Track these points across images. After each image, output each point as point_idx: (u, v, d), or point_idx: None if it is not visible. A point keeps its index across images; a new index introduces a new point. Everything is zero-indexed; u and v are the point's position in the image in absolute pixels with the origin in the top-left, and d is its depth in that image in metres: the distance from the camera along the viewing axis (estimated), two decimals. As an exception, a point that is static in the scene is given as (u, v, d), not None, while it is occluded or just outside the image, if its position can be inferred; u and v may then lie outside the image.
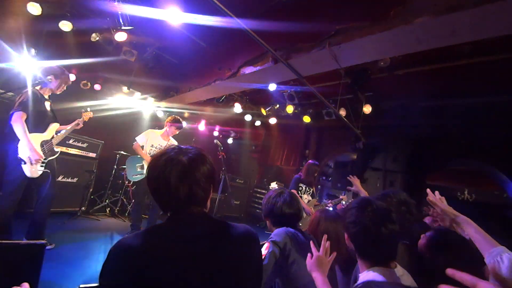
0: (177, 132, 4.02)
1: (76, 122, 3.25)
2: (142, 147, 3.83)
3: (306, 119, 5.69)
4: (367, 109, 4.58)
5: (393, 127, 5.25)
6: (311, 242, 1.30)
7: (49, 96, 3.08)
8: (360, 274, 1.08)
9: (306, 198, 4.12)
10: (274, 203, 1.63)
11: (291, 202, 1.63)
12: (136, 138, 3.85)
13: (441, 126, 4.77)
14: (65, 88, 3.12)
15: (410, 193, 1.71)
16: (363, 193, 2.01)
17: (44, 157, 2.85)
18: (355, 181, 2.12)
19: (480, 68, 3.45)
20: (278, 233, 1.49)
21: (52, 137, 3.02)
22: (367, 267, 1.07)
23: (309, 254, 1.25)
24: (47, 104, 3.01)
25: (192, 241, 0.82)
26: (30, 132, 2.74)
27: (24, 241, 1.65)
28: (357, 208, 1.12)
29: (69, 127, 3.21)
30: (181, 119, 4.00)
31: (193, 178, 0.86)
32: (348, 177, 2.15)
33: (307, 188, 4.16)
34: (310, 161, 4.32)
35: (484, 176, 5.26)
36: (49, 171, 2.90)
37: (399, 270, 1.08)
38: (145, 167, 3.77)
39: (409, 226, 1.50)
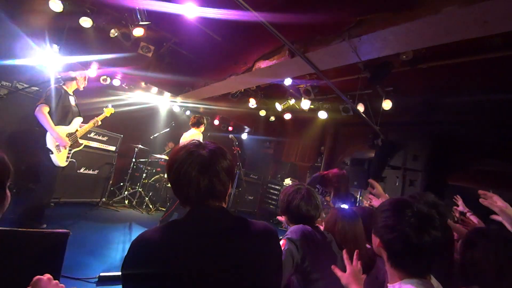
0: None
1: (94, 120, 3.41)
2: None
3: (322, 114, 5.58)
4: (387, 104, 4.41)
5: (414, 124, 5.03)
6: (344, 254, 1.19)
7: (73, 91, 3.24)
8: (390, 285, 0.96)
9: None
10: (291, 200, 1.58)
11: (309, 200, 1.57)
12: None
13: (465, 123, 4.51)
14: (86, 83, 3.26)
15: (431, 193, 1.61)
16: (385, 197, 1.89)
17: (68, 147, 3.03)
18: (376, 184, 1.98)
19: (511, 62, 3.21)
20: (294, 230, 1.45)
21: (76, 130, 3.18)
22: (400, 278, 0.93)
23: (333, 266, 1.13)
24: (72, 99, 3.18)
25: (212, 236, 0.82)
26: (55, 125, 2.93)
27: (48, 230, 1.71)
28: (393, 211, 0.95)
29: (89, 123, 3.39)
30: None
31: (213, 171, 0.86)
32: (369, 180, 2.03)
33: (323, 191, 4.01)
34: (338, 171, 3.69)
35: (510, 176, 4.96)
36: (74, 161, 3.08)
37: (434, 282, 0.96)
38: None
39: None
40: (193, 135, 3.95)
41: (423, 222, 0.88)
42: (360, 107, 4.54)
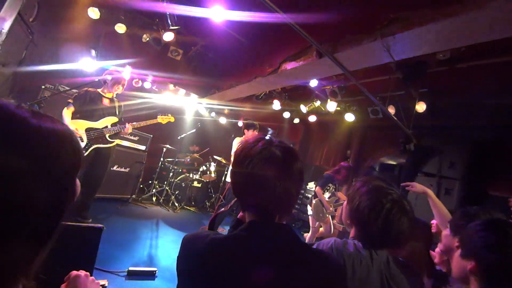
0: None
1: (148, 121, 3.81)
2: None
3: (349, 117, 5.39)
4: (421, 107, 4.13)
5: (451, 128, 4.68)
6: None
7: (113, 96, 3.55)
8: None
9: (326, 194, 4.36)
10: (379, 211, 0.98)
11: (406, 214, 0.99)
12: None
13: (508, 127, 4.11)
14: (120, 87, 3.50)
15: (470, 204, 1.47)
16: (432, 197, 1.69)
17: (85, 140, 3.24)
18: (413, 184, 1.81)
19: None
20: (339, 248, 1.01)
21: (106, 127, 3.38)
22: None
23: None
24: (105, 101, 3.46)
25: (272, 261, 0.71)
26: (80, 119, 3.26)
27: (84, 224, 1.80)
28: (493, 230, 0.84)
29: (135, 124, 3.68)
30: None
31: (288, 174, 0.75)
32: (406, 186, 1.85)
33: (332, 188, 4.41)
34: (346, 164, 4.55)
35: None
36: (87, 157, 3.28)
37: None
38: None
39: None
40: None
41: None
42: (391, 109, 4.31)
